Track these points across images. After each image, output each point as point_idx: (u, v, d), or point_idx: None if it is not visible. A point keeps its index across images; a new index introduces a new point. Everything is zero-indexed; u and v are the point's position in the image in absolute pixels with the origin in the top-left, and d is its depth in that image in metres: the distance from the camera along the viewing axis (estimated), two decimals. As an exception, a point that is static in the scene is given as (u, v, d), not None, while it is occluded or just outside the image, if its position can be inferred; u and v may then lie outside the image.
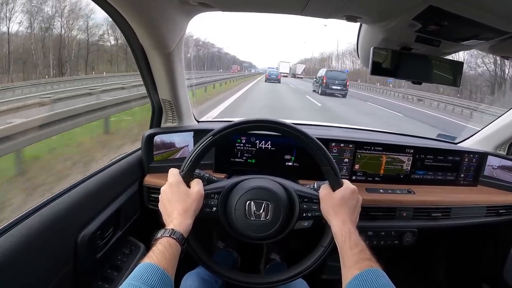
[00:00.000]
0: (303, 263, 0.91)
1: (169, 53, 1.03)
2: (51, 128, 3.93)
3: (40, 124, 3.75)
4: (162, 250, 0.69)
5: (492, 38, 0.91)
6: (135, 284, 0.60)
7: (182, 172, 0.86)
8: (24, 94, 10.65)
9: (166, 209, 0.82)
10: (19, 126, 3.35)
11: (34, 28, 17.68)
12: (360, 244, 0.76)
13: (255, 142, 1.31)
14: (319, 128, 1.72)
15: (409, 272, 1.73)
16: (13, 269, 0.68)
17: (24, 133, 3.39)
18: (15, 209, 2.64)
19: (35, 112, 4.76)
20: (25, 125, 3.51)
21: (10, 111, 4.77)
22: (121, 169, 1.14)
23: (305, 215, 0.91)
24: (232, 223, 0.89)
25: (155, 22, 0.90)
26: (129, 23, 0.90)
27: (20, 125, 3.39)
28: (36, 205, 0.82)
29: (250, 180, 0.94)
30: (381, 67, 0.99)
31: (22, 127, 3.41)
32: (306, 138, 0.88)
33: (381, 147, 1.36)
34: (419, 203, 1.27)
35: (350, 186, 0.88)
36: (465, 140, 1.60)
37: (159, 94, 1.23)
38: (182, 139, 1.29)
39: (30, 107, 5.21)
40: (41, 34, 18.07)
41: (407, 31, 0.91)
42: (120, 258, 1.10)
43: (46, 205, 0.82)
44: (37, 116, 4.02)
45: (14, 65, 16.28)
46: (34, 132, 3.62)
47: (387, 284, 0.66)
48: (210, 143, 0.87)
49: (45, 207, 0.81)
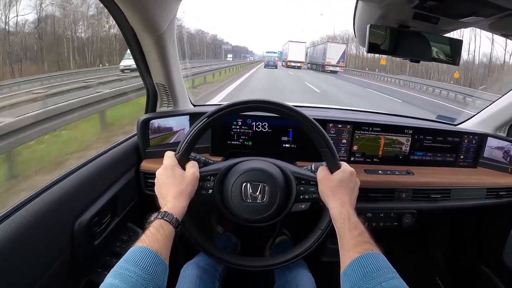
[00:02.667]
0: (301, 246, 0.92)
1: (161, 35, 1.01)
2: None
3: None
4: (154, 233, 0.68)
5: (491, 15, 0.88)
6: (127, 267, 0.60)
7: (177, 154, 0.86)
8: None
9: (161, 192, 0.82)
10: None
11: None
12: (359, 226, 0.75)
13: (252, 124, 1.30)
14: (316, 109, 1.70)
15: (408, 254, 1.74)
16: (10, 258, 0.67)
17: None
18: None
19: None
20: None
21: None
22: (117, 155, 1.13)
23: (302, 197, 0.91)
24: (228, 205, 0.89)
25: (144, 1, 0.87)
26: (117, 3, 0.87)
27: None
28: (31, 194, 0.81)
29: (246, 162, 0.93)
30: (378, 46, 0.98)
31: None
32: (303, 119, 0.87)
33: (380, 127, 1.34)
34: (418, 184, 1.26)
35: (348, 168, 0.88)
36: (465, 122, 1.59)
37: (153, 78, 1.21)
38: (177, 123, 1.28)
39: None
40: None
41: (404, 7, 0.88)
42: (118, 244, 1.10)
43: (41, 193, 0.81)
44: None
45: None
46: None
47: (387, 267, 0.65)
48: (205, 124, 0.86)
49: (40, 196, 0.80)
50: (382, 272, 0.63)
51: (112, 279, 0.58)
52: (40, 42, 19.07)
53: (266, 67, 34.70)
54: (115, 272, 0.60)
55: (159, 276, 0.62)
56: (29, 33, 18.21)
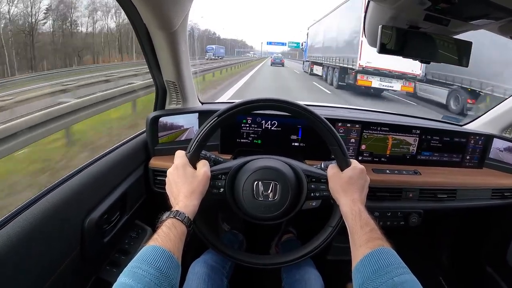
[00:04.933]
0: (311, 244, 0.92)
1: (173, 33, 1.01)
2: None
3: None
4: (167, 232, 0.68)
5: (502, 18, 0.88)
6: (140, 266, 0.60)
7: (188, 153, 0.86)
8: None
9: (172, 192, 0.82)
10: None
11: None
12: (370, 223, 0.76)
13: (261, 123, 1.31)
14: (325, 108, 1.71)
15: (413, 253, 1.75)
16: (21, 255, 0.68)
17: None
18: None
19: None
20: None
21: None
22: (126, 153, 1.14)
23: (313, 195, 0.91)
24: (240, 204, 0.89)
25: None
26: (132, 1, 0.88)
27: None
28: (41, 191, 0.81)
29: (257, 160, 0.93)
30: (389, 46, 0.98)
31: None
32: (314, 118, 0.87)
33: (388, 127, 1.35)
34: (426, 184, 1.27)
35: (358, 165, 0.88)
36: (471, 122, 1.59)
37: (163, 76, 1.21)
38: (187, 121, 1.28)
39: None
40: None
41: (416, 9, 0.89)
42: (127, 242, 1.11)
43: (51, 191, 0.82)
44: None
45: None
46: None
47: (398, 262, 0.66)
48: (216, 123, 0.86)
49: (51, 193, 0.81)
50: (393, 267, 0.64)
51: (126, 278, 0.58)
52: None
53: (273, 65, 33.03)
54: (128, 271, 0.60)
55: (172, 276, 0.62)
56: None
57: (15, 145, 2.97)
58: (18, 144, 3.01)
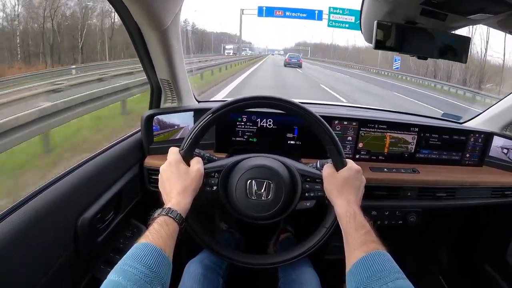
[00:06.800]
0: (306, 244, 0.91)
1: (165, 30, 1.00)
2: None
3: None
4: (158, 229, 0.68)
5: (500, 12, 0.87)
6: (131, 264, 0.60)
7: (182, 150, 0.85)
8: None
9: (165, 188, 0.82)
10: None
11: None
12: (365, 225, 0.75)
13: (256, 121, 1.29)
14: (322, 106, 1.70)
15: (412, 252, 1.73)
16: (14, 255, 0.67)
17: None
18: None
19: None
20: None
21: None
22: (120, 152, 1.13)
23: (308, 195, 0.90)
24: (233, 202, 0.89)
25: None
26: (123, 1, 0.87)
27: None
28: (34, 190, 0.81)
29: (251, 158, 0.93)
30: (385, 42, 0.97)
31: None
32: (309, 116, 0.86)
33: (385, 125, 1.33)
34: (424, 183, 1.26)
35: (354, 166, 0.87)
36: (471, 120, 1.57)
37: (158, 74, 1.20)
38: (182, 119, 1.28)
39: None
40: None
41: (412, 3, 0.88)
42: (122, 241, 1.11)
43: (44, 190, 0.81)
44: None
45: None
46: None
47: (393, 267, 0.65)
48: (210, 121, 0.85)
49: (43, 192, 0.80)
50: (388, 272, 0.63)
51: (115, 276, 0.57)
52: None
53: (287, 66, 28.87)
54: (118, 269, 0.59)
55: (163, 274, 0.62)
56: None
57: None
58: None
